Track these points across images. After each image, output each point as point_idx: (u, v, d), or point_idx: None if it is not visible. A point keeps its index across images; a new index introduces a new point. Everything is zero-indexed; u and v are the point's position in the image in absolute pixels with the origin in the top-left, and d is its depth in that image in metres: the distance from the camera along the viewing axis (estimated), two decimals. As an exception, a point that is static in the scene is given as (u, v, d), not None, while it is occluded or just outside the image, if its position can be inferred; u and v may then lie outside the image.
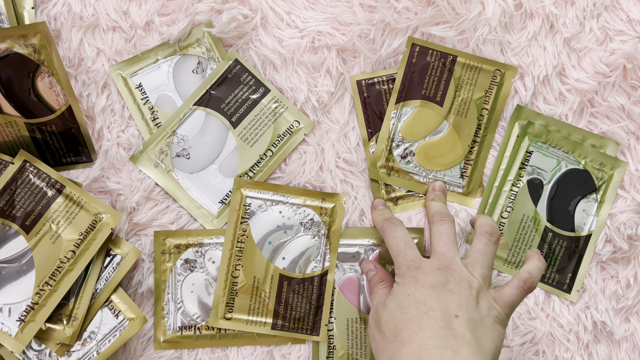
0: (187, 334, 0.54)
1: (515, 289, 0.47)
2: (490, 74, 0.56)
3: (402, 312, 0.44)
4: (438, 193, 0.55)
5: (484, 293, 0.46)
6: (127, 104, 0.55)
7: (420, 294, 0.45)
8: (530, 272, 0.47)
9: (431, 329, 0.42)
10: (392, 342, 0.43)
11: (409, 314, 0.44)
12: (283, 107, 0.55)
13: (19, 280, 0.50)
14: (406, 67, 0.55)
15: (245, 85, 0.55)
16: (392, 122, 0.56)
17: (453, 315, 0.43)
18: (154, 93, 0.55)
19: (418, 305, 0.44)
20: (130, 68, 0.55)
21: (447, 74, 0.55)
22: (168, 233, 0.55)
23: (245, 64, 0.55)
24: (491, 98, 0.56)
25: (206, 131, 0.55)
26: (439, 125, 0.56)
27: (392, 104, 0.56)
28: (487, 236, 0.49)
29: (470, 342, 0.41)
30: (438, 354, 0.40)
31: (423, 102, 0.56)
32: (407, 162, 0.55)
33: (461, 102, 0.56)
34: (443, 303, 0.44)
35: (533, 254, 0.49)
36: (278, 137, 0.56)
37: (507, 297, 0.46)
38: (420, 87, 0.55)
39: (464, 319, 0.43)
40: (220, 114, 0.55)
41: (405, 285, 0.46)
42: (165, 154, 0.55)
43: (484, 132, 0.56)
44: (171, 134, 0.55)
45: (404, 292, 0.45)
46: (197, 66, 0.56)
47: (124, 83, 0.55)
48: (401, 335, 0.43)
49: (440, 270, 0.46)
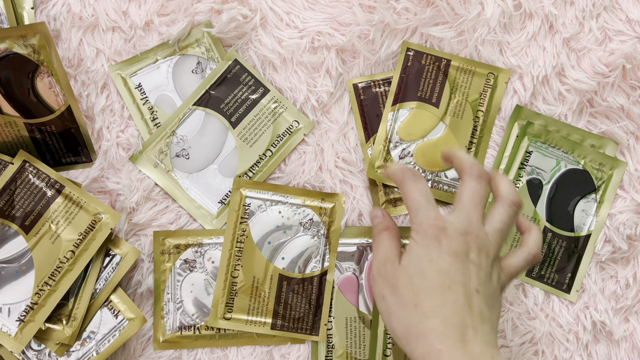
0: (187, 334, 0.54)
1: (523, 261, 0.46)
2: (483, 77, 0.56)
3: (424, 278, 0.42)
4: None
5: (496, 263, 0.45)
6: (127, 104, 0.55)
7: (443, 261, 0.42)
8: (536, 244, 0.46)
9: (454, 305, 0.41)
10: (413, 310, 0.41)
11: (433, 283, 0.42)
12: (282, 107, 0.55)
13: (19, 281, 0.50)
14: (402, 70, 0.56)
15: (245, 85, 0.55)
16: (389, 123, 0.56)
17: (474, 290, 0.42)
18: (154, 93, 0.55)
19: (441, 276, 0.42)
20: (130, 68, 0.55)
21: (442, 77, 0.56)
22: (167, 233, 0.55)
23: (244, 64, 0.55)
24: (486, 100, 0.56)
25: (205, 131, 0.55)
26: (436, 126, 0.56)
27: (388, 106, 0.56)
28: (513, 208, 0.46)
29: (487, 319, 0.41)
30: (460, 333, 0.40)
31: (419, 104, 0.56)
32: (405, 162, 0.56)
33: (457, 104, 0.56)
34: (465, 276, 0.42)
35: (531, 226, 0.48)
36: (277, 137, 0.56)
37: (513, 268, 0.45)
38: (416, 89, 0.56)
39: (483, 295, 0.42)
40: (219, 114, 0.55)
41: (427, 247, 0.43)
42: (164, 154, 0.55)
43: (480, 133, 0.56)
44: (171, 134, 0.55)
45: (426, 256, 0.42)
46: (196, 66, 0.56)
47: (124, 83, 0.55)
48: (423, 305, 0.41)
49: (464, 237, 0.43)
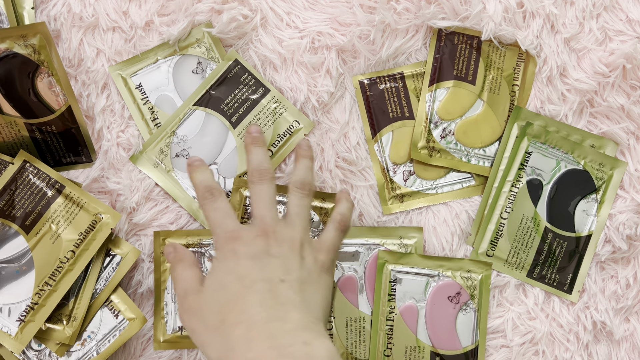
0: (187, 335, 0.54)
1: (332, 231, 0.46)
2: (516, 51, 0.56)
3: (226, 291, 0.40)
4: (255, 135, 0.49)
5: (307, 246, 0.44)
6: (127, 104, 0.55)
7: (242, 267, 0.41)
8: (342, 213, 0.47)
9: (258, 304, 0.39)
10: (220, 328, 0.39)
11: (234, 292, 0.40)
12: (283, 108, 0.56)
13: (19, 281, 0.50)
14: (435, 51, 0.56)
15: (245, 85, 0.55)
16: (428, 104, 0.56)
17: (278, 281, 0.40)
18: (154, 93, 0.55)
19: (242, 281, 0.40)
20: (130, 68, 0.55)
21: (475, 55, 0.56)
22: (168, 233, 0.55)
23: (245, 64, 0.55)
24: (520, 74, 0.56)
25: (206, 131, 0.55)
26: (474, 103, 0.56)
27: (425, 87, 0.56)
28: (299, 191, 0.47)
29: (299, 305, 0.40)
30: (267, 329, 0.38)
31: (456, 82, 0.56)
32: (447, 141, 0.56)
33: (492, 80, 0.56)
34: (267, 272, 0.41)
35: (341, 196, 0.49)
36: (278, 137, 0.56)
37: (328, 242, 0.45)
38: (451, 68, 0.56)
39: (291, 282, 0.41)
40: (220, 114, 0.55)
41: (225, 261, 0.42)
42: (165, 154, 0.55)
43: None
44: (171, 134, 0.55)
45: (225, 269, 0.42)
46: (197, 66, 0.56)
47: (124, 83, 0.55)
48: (229, 318, 0.39)
49: (261, 237, 0.43)
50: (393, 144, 0.57)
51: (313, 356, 0.37)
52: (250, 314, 0.39)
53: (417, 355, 0.54)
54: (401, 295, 0.55)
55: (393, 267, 0.55)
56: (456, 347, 0.55)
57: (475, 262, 0.55)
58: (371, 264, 0.55)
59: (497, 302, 0.56)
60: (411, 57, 0.57)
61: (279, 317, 0.39)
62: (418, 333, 0.55)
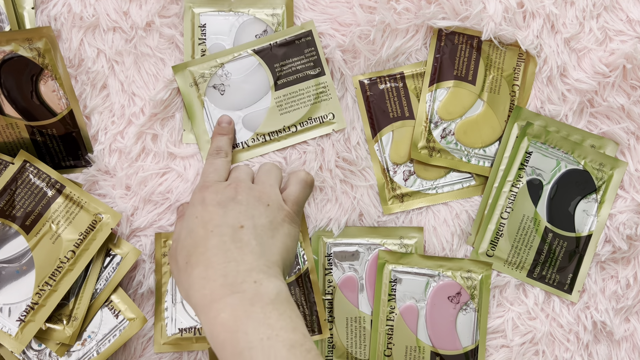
0: (187, 336, 0.54)
1: (296, 184, 0.48)
2: (516, 51, 0.56)
3: (192, 236, 0.44)
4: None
5: (273, 197, 0.46)
6: (185, 38, 0.55)
7: (207, 213, 0.44)
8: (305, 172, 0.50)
9: (217, 247, 0.42)
10: (185, 269, 0.43)
11: (198, 235, 0.43)
12: (327, 96, 0.55)
13: (19, 280, 0.50)
14: (435, 51, 0.56)
15: (306, 57, 0.55)
16: (428, 104, 0.56)
17: (238, 226, 0.43)
18: (212, 39, 0.55)
19: (205, 225, 0.43)
20: (203, 7, 0.55)
21: (475, 55, 0.56)
22: (169, 235, 0.55)
23: (316, 39, 0.55)
24: (520, 74, 0.56)
25: (250, 79, 0.55)
26: (474, 103, 0.56)
27: (425, 87, 0.56)
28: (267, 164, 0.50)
29: (254, 248, 0.42)
30: (222, 269, 0.41)
31: (456, 82, 0.56)
32: (447, 141, 0.56)
33: (492, 80, 0.56)
34: (230, 217, 0.44)
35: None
36: (309, 119, 0.55)
37: (293, 195, 0.48)
38: (451, 68, 0.56)
39: (250, 227, 0.43)
40: (270, 71, 0.55)
41: (193, 207, 0.45)
42: (204, 79, 0.55)
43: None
44: (219, 66, 0.55)
45: (192, 215, 0.45)
46: (262, 33, 0.55)
47: (191, 17, 0.55)
48: (191, 260, 0.42)
49: (231, 186, 0.46)
50: (393, 143, 0.57)
51: (261, 292, 0.40)
52: (208, 256, 0.42)
53: (417, 355, 0.54)
54: (401, 295, 0.55)
55: (393, 267, 0.55)
56: (456, 347, 0.55)
57: (476, 262, 0.55)
58: (371, 263, 0.55)
59: (497, 302, 0.56)
60: (411, 57, 0.57)
61: (234, 258, 0.41)
62: (418, 333, 0.55)
